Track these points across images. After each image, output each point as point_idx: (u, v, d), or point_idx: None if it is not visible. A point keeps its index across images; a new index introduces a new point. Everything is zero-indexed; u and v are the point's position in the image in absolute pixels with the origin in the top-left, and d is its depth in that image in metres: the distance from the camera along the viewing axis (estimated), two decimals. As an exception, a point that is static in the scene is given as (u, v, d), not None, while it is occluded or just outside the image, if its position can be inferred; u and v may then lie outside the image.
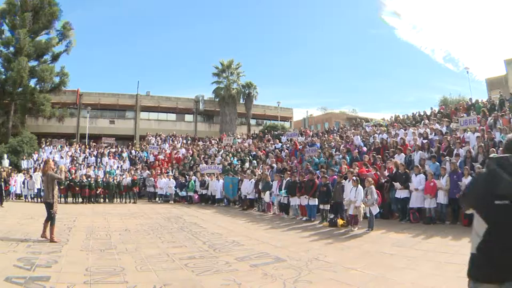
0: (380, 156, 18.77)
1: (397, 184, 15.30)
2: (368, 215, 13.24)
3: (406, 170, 15.77)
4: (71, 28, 43.72)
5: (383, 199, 15.02)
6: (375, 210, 13.40)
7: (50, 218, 11.19)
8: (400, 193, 15.25)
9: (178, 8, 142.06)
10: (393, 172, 16.02)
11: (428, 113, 29.58)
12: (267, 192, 19.28)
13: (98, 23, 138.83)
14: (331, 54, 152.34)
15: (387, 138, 22.06)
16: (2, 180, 21.91)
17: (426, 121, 25.73)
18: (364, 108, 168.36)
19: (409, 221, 14.65)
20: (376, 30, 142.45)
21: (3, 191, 22.40)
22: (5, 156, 29.64)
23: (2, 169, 23.55)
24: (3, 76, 40.44)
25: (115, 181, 25.99)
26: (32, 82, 42.07)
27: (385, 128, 26.15)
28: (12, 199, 24.56)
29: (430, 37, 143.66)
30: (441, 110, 30.45)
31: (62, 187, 23.16)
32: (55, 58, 44.09)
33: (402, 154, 18.13)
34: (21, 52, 38.87)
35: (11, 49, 40.42)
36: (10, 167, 26.73)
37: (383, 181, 16.12)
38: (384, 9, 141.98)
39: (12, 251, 9.46)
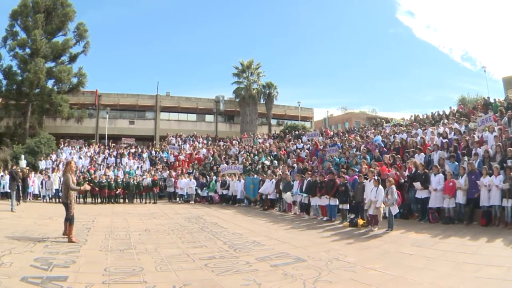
0: (400, 156, 18.75)
1: (417, 184, 15.17)
2: (387, 215, 13.22)
3: (426, 170, 15.65)
4: (86, 29, 44.18)
5: (402, 199, 14.96)
6: (395, 210, 13.37)
7: (68, 218, 11.27)
8: (420, 193, 15.16)
9: (198, 8, 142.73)
10: (413, 172, 15.95)
11: (447, 113, 29.49)
12: (289, 193, 19.11)
13: (117, 24, 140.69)
14: (350, 53, 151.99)
15: (406, 138, 22.05)
16: (20, 179, 22.10)
17: (445, 121, 25.62)
18: (384, 107, 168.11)
19: (428, 221, 14.59)
20: (394, 29, 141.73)
21: (20, 190, 22.67)
22: (23, 156, 29.93)
23: (18, 169, 23.69)
24: (19, 78, 40.95)
25: (135, 181, 26.04)
26: (50, 83, 42.63)
27: (404, 128, 26.06)
28: (29, 199, 24.93)
29: (447, 36, 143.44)
30: (460, 110, 30.23)
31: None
32: (73, 59, 44.46)
33: (422, 154, 18.04)
34: (38, 53, 39.31)
35: (27, 50, 40.89)
36: (27, 168, 26.88)
37: (403, 181, 16.08)
38: (399, 8, 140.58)
39: (29, 251, 9.46)
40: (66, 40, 43.06)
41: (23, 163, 28.44)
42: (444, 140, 19.27)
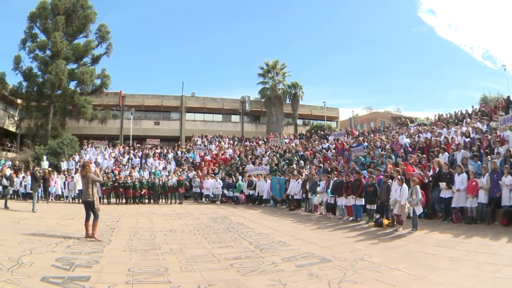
0: (425, 156, 18.70)
1: (442, 184, 15.14)
2: (411, 215, 13.21)
3: (450, 170, 15.46)
4: (108, 30, 44.64)
5: (426, 199, 14.99)
6: (419, 210, 13.42)
7: (94, 215, 11.48)
8: (444, 193, 15.13)
9: (223, 8, 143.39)
10: (437, 171, 15.90)
11: (470, 112, 29.62)
12: (318, 196, 19.04)
13: (140, 24, 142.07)
14: (375, 53, 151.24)
15: (431, 137, 22.07)
16: (41, 180, 22.38)
17: (468, 120, 25.53)
18: (408, 107, 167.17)
19: (452, 221, 14.58)
20: (417, 28, 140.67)
21: (43, 190, 23.14)
22: (45, 157, 30.23)
23: (40, 170, 23.85)
24: (40, 79, 41.52)
25: (160, 182, 26.06)
26: (72, 85, 43.18)
27: (429, 128, 26.04)
28: (51, 199, 25.03)
29: (468, 34, 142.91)
30: (482, 109, 30.35)
31: (104, 188, 23.47)
32: (95, 60, 44.98)
33: (446, 153, 18.17)
34: (59, 55, 39.86)
35: (48, 52, 41.43)
36: (49, 169, 27.07)
37: (427, 180, 16.05)
38: (420, 7, 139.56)
39: (51, 251, 9.47)
40: (88, 41, 43.52)
41: (45, 164, 28.69)
42: (467, 140, 19.36)
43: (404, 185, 13.46)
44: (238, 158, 31.73)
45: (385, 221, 14.15)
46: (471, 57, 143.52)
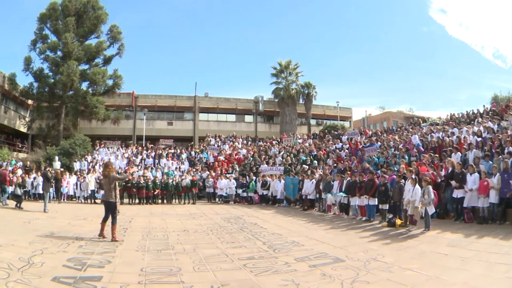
0: (437, 155, 18.66)
1: (453, 182, 15.14)
2: (424, 215, 13.20)
3: (462, 170, 15.38)
4: (120, 31, 44.83)
5: (439, 199, 14.96)
6: (431, 210, 13.35)
7: (113, 218, 11.49)
8: (456, 193, 15.09)
9: (236, 8, 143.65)
10: (449, 171, 15.84)
11: (481, 111, 29.65)
12: (329, 195, 19.26)
13: (152, 25, 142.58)
14: (386, 52, 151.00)
15: (443, 137, 22.23)
16: (53, 180, 22.54)
17: (479, 119, 25.66)
18: (421, 106, 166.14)
19: (464, 221, 14.55)
20: (428, 27, 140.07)
21: (54, 190, 23.30)
22: (56, 158, 30.39)
23: (52, 171, 23.92)
24: (52, 80, 41.81)
25: (173, 182, 26.09)
26: (84, 86, 43.47)
27: (441, 127, 25.96)
28: (64, 200, 25.38)
29: (478, 33, 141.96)
30: (493, 108, 30.18)
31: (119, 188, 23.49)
32: (107, 61, 45.22)
33: (458, 153, 18.20)
34: (70, 56, 40.07)
35: (59, 53, 41.69)
36: (61, 169, 27.18)
37: (439, 180, 16.03)
38: (431, 6, 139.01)
39: (62, 251, 9.50)
40: (100, 42, 43.77)
41: (57, 164, 28.83)
42: (479, 139, 19.48)
43: (417, 185, 13.51)
44: (251, 158, 31.70)
45: (398, 221, 14.18)
46: (482, 56, 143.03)
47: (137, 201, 24.74)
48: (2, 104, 43.99)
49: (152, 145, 38.67)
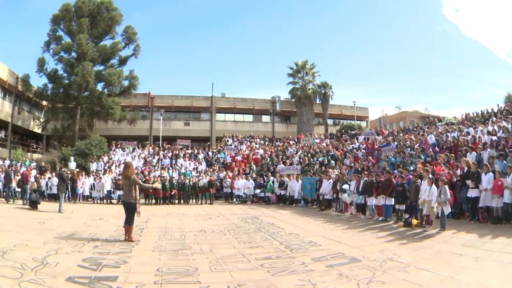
0: (453, 155, 18.82)
1: (468, 182, 15.14)
2: (440, 215, 13.23)
3: (478, 169, 15.32)
4: (135, 32, 45.21)
5: (454, 199, 15.07)
6: (447, 210, 13.38)
7: (130, 218, 11.50)
8: (471, 192, 15.05)
9: (251, 9, 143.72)
10: (465, 171, 15.82)
11: (495, 110, 29.84)
12: (345, 194, 19.43)
13: (168, 25, 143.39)
14: (402, 51, 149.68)
15: (458, 136, 22.41)
16: (69, 180, 22.73)
17: (494, 119, 25.75)
18: (436, 106, 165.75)
19: (478, 220, 14.56)
20: (442, 26, 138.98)
21: (69, 191, 23.55)
22: (72, 158, 30.56)
23: (68, 171, 24.03)
24: (66, 81, 42.33)
25: (190, 182, 26.09)
26: (100, 86, 43.92)
27: (456, 127, 25.92)
28: (79, 200, 25.61)
29: (492, 32, 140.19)
30: (507, 107, 30.45)
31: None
32: (123, 62, 45.72)
33: (474, 152, 18.19)
34: (84, 57, 40.49)
35: (73, 54, 42.22)
36: (76, 170, 27.36)
37: (455, 180, 16.07)
38: (445, 5, 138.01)
39: (77, 251, 9.51)
40: (115, 43, 44.27)
41: (72, 165, 29.00)
42: (494, 138, 19.72)
43: (434, 185, 13.53)
44: (269, 159, 31.58)
45: (414, 221, 14.22)
46: (495, 56, 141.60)
47: (153, 201, 24.76)
48: (16, 105, 44.58)
49: (169, 146, 38.74)
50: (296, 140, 38.81)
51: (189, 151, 35.73)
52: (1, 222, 11.99)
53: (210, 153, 35.74)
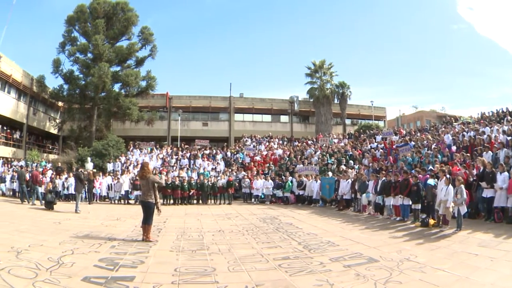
0: (469, 155, 18.87)
1: (483, 184, 15.15)
2: (456, 215, 13.31)
3: (493, 169, 15.24)
4: (151, 33, 45.52)
5: (470, 199, 14.95)
6: (464, 209, 13.44)
7: (149, 218, 11.51)
8: (487, 192, 15.04)
9: (268, 8, 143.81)
10: (481, 170, 15.77)
11: (510, 110, 29.75)
12: (364, 194, 19.59)
13: (186, 25, 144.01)
14: (418, 51, 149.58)
15: (474, 136, 22.40)
16: (86, 181, 22.83)
17: (509, 118, 25.97)
18: (453, 105, 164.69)
19: (494, 220, 14.53)
20: (457, 25, 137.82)
21: (87, 191, 23.66)
22: (89, 159, 30.76)
23: (85, 171, 24.13)
24: (82, 82, 42.70)
25: (209, 182, 26.12)
26: (117, 87, 44.27)
27: (473, 126, 26.07)
28: (96, 200, 25.67)
29: (506, 31, 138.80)
30: None
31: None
32: (140, 62, 46.14)
33: (490, 152, 18.23)
34: (101, 58, 40.84)
35: (89, 55, 42.63)
36: (93, 170, 27.58)
37: (472, 180, 16.02)
38: (459, 3, 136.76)
39: (94, 251, 9.55)
40: (131, 44, 44.65)
41: (89, 165, 29.20)
42: (509, 138, 19.88)
43: (450, 185, 13.52)
44: (287, 159, 31.51)
45: (431, 221, 14.25)
46: (510, 54, 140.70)
47: (171, 201, 24.85)
48: (31, 106, 44.93)
49: (187, 146, 38.85)
50: (315, 140, 38.74)
51: (208, 151, 35.76)
52: (16, 222, 12.04)
53: (228, 153, 35.72)
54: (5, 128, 40.50)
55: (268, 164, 31.24)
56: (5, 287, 6.46)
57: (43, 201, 20.92)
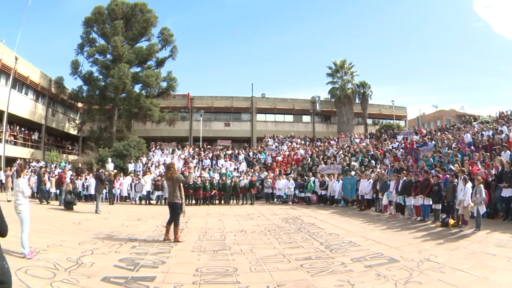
0: (488, 154, 18.94)
1: (503, 184, 14.99)
2: (475, 214, 13.30)
3: (511, 168, 15.09)
4: (171, 33, 45.80)
5: (489, 198, 14.85)
6: (483, 209, 13.42)
7: (175, 219, 11.49)
8: (506, 192, 14.89)
9: (289, 9, 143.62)
10: (499, 170, 15.74)
11: None
12: (385, 194, 19.61)
13: (206, 26, 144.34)
14: (437, 50, 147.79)
15: (493, 135, 22.63)
16: (107, 182, 22.97)
17: None
18: (472, 104, 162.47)
19: (511, 220, 14.50)
20: (475, 23, 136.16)
21: (108, 192, 23.86)
22: (109, 159, 30.83)
23: (106, 172, 24.22)
24: (102, 83, 43.21)
25: (231, 182, 26.09)
26: (137, 88, 44.67)
27: (491, 125, 26.12)
28: (117, 201, 25.81)
29: None
30: None
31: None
32: (160, 63, 46.47)
33: (508, 151, 18.35)
34: (120, 59, 41.24)
35: (108, 56, 43.04)
36: (114, 170, 27.67)
37: (490, 179, 15.95)
38: (476, 1, 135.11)
39: (114, 251, 9.59)
40: (151, 45, 44.95)
41: (110, 166, 29.21)
42: None
43: (468, 185, 13.56)
44: (309, 159, 31.40)
45: (451, 221, 14.32)
46: None
47: (193, 202, 24.80)
48: (50, 107, 45.59)
49: (209, 146, 38.91)
50: (337, 140, 38.61)
51: (230, 151, 35.80)
52: (35, 223, 12.04)
53: (250, 153, 35.70)
54: (23, 129, 40.97)
55: (290, 165, 31.16)
56: (21, 287, 6.46)
57: (64, 202, 21.08)
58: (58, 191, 23.95)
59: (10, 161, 33.83)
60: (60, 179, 23.60)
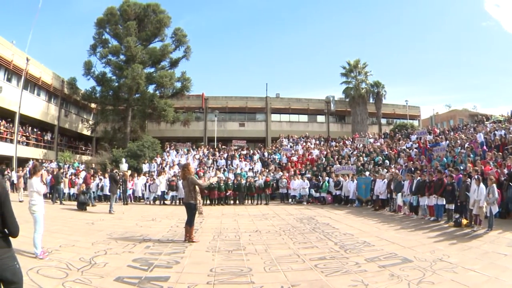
0: (500, 153, 19.13)
1: None
2: (488, 215, 13.37)
3: None
4: (184, 34, 45.83)
5: (501, 198, 14.88)
6: (495, 209, 13.50)
7: (191, 220, 11.51)
8: None
9: (304, 9, 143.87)
10: (511, 170, 15.96)
11: None
12: (399, 194, 19.69)
13: (221, 26, 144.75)
14: (449, 49, 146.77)
15: (505, 134, 22.84)
16: (121, 182, 23.03)
17: None
18: (484, 104, 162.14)
19: None
20: (486, 22, 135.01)
21: (122, 192, 23.86)
22: (123, 160, 30.60)
23: (120, 172, 24.28)
24: (116, 84, 43.39)
25: (246, 183, 26.07)
26: (151, 89, 44.82)
27: (503, 125, 26.11)
28: (131, 201, 25.78)
29: None
30: None
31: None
32: (174, 64, 46.48)
33: None
34: (134, 59, 41.33)
35: (121, 57, 43.21)
36: (128, 171, 27.62)
37: (503, 179, 15.96)
38: (486, 0, 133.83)
39: (128, 252, 9.61)
40: (164, 46, 45.03)
41: (124, 166, 29.10)
42: None
43: (482, 185, 13.54)
44: (324, 159, 31.28)
45: (464, 221, 14.38)
46: None
47: (208, 202, 24.80)
48: (62, 108, 45.92)
49: (224, 146, 38.92)
50: (351, 140, 38.60)
51: (245, 151, 35.79)
52: (48, 223, 12.03)
53: (265, 153, 35.64)
54: (35, 130, 41.23)
55: (305, 165, 31.09)
56: (33, 287, 6.47)
57: (77, 203, 21.15)
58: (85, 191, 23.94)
59: (22, 161, 34.16)
60: (85, 180, 23.80)
